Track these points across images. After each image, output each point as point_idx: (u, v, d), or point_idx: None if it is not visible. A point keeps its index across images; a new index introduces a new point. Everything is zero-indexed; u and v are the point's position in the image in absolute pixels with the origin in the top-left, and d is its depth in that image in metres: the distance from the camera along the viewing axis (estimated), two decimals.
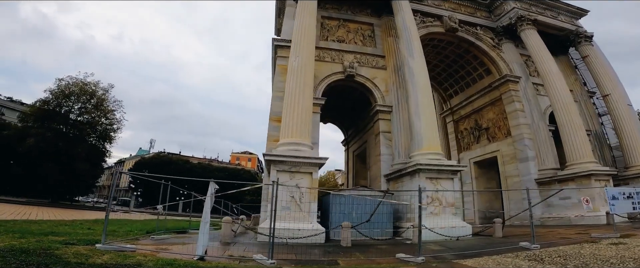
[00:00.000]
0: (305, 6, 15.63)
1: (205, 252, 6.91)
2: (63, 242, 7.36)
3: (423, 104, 14.39)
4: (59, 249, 6.34)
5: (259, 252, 7.70)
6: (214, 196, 7.52)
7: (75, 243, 7.49)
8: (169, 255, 6.85)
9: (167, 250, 7.74)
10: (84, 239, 8.10)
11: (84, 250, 6.53)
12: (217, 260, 6.94)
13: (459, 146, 24.01)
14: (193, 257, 6.68)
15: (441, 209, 12.69)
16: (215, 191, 7.44)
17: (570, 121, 17.00)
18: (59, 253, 5.85)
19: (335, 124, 25.15)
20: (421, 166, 12.62)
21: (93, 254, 6.25)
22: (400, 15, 17.16)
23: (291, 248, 8.94)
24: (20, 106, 35.47)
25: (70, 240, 7.77)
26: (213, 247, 8.87)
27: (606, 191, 11.89)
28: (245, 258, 7.35)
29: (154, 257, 6.56)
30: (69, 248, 6.57)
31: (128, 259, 6.03)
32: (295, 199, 11.17)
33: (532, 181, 18.05)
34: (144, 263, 5.78)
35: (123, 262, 5.72)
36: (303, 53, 13.98)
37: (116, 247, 7.20)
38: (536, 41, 18.96)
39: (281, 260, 7.22)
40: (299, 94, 13.00)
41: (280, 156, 11.42)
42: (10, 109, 35.29)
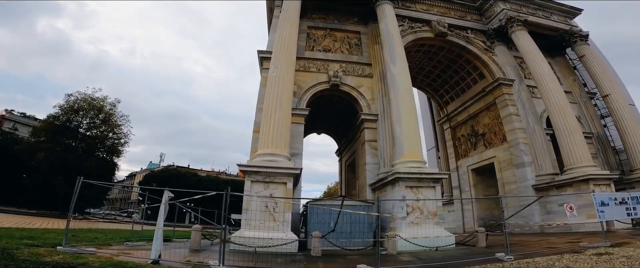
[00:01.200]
0: (287, 17, 15.91)
1: (159, 256, 7.05)
2: (28, 245, 7.59)
3: (404, 110, 14.24)
4: (19, 249, 6.61)
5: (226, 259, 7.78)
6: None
7: (41, 245, 7.71)
8: (125, 259, 7.04)
9: (129, 254, 7.90)
10: (53, 242, 8.34)
11: (43, 251, 6.79)
12: (171, 264, 7.10)
13: (456, 153, 23.45)
14: (147, 260, 6.85)
15: (422, 219, 12.38)
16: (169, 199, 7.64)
17: (566, 123, 16.35)
18: (15, 253, 6.13)
19: (329, 135, 25.14)
20: (400, 175, 12.41)
21: (49, 254, 6.51)
22: (384, 21, 17.21)
23: (257, 256, 8.97)
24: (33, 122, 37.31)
25: (38, 243, 7.99)
26: (179, 253, 9.03)
27: (593, 197, 11.29)
28: (201, 264, 7.48)
29: (109, 259, 6.75)
30: (29, 249, 6.82)
31: (79, 259, 6.27)
32: (269, 209, 11.20)
33: (529, 187, 17.42)
34: (91, 263, 5.99)
35: (72, 262, 5.97)
36: (281, 64, 14.17)
37: (76, 249, 7.45)
38: (527, 42, 18.49)
39: (236, 266, 7.29)
40: (276, 105, 13.14)
41: (254, 166, 11.52)
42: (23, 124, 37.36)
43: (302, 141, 15.69)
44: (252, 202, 10.99)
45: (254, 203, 10.96)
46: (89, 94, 31.09)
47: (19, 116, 42.17)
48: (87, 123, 31.30)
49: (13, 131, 37.43)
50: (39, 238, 9.33)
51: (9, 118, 41.86)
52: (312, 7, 19.24)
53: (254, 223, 10.55)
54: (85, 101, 30.78)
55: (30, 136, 31.36)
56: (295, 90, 16.49)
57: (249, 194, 11.17)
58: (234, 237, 10.56)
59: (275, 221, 11.10)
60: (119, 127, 32.49)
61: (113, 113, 32.33)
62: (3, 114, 41.04)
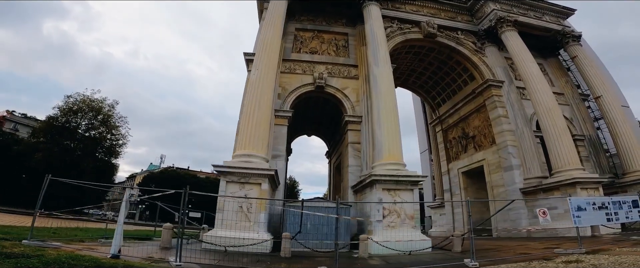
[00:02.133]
0: (270, 20, 16.11)
1: (119, 251, 7.28)
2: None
3: (385, 112, 14.24)
4: None
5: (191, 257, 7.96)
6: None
7: (8, 239, 7.99)
8: (86, 253, 7.26)
9: (93, 249, 8.19)
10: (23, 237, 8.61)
11: (7, 244, 7.03)
12: (131, 259, 7.27)
13: (448, 155, 23.30)
14: (107, 255, 7.12)
15: (399, 222, 12.36)
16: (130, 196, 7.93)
17: (554, 125, 16.15)
18: None
19: (319, 137, 25.20)
20: (376, 177, 12.42)
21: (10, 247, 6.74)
22: (369, 22, 17.25)
23: (225, 255, 9.15)
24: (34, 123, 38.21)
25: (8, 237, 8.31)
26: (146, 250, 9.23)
27: (569, 202, 11.14)
28: (162, 260, 7.67)
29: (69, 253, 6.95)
30: None
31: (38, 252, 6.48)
32: (243, 209, 11.36)
33: (517, 191, 17.27)
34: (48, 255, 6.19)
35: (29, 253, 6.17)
36: (262, 66, 14.32)
37: (41, 243, 7.76)
38: (517, 42, 18.31)
39: (194, 263, 7.48)
40: (255, 107, 13.29)
41: (229, 167, 11.68)
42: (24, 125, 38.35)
43: (284, 143, 15.79)
44: (227, 202, 11.17)
45: (229, 203, 11.13)
46: (87, 96, 31.84)
47: (20, 117, 43.32)
48: (86, 124, 31.96)
49: (14, 131, 38.40)
50: (13, 234, 9.64)
51: (10, 119, 43.04)
52: (300, 9, 19.41)
53: (228, 223, 10.69)
54: (84, 102, 31.47)
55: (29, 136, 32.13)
56: (280, 92, 16.71)
57: (223, 194, 11.35)
58: (207, 236, 10.77)
59: (249, 221, 11.23)
60: (117, 128, 33.08)
61: (111, 115, 32.98)
62: (4, 115, 42.22)
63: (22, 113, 44.47)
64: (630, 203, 12.13)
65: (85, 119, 31.88)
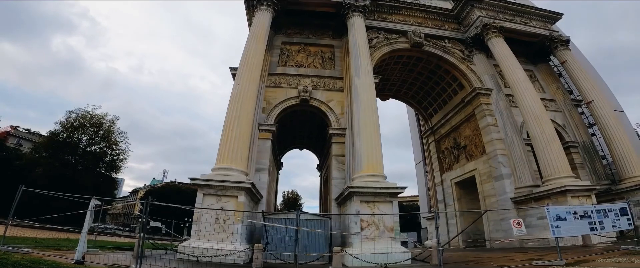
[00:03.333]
0: (254, 34, 16.59)
1: (83, 257, 7.72)
2: None
3: (364, 123, 14.36)
4: None
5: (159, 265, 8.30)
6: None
7: None
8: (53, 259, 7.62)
9: (63, 256, 8.55)
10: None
11: None
12: (94, 265, 7.73)
13: (441, 166, 23.11)
14: (71, 261, 7.48)
15: (378, 234, 12.34)
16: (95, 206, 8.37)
17: (542, 132, 15.99)
18: None
19: (310, 150, 25.30)
20: (354, 190, 12.48)
21: None
22: (352, 33, 17.53)
23: (196, 264, 9.46)
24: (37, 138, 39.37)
25: None
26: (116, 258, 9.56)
27: (547, 211, 10.94)
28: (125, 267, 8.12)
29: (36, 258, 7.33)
30: None
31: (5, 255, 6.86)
32: (220, 221, 11.59)
33: (508, 200, 16.99)
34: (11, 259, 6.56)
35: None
36: (243, 81, 14.73)
37: (10, 248, 8.17)
38: (503, 48, 18.32)
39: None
40: (235, 121, 13.63)
41: (206, 180, 11.97)
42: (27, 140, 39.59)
43: (268, 157, 15.93)
44: (204, 214, 11.45)
45: (206, 215, 11.42)
46: (88, 111, 32.77)
47: (24, 133, 44.74)
48: (87, 140, 32.81)
49: (18, 147, 39.66)
50: None
51: (14, 134, 44.54)
52: (287, 23, 19.92)
53: (205, 234, 10.92)
54: (85, 118, 32.40)
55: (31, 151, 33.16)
56: (265, 106, 17.03)
57: (200, 207, 11.63)
58: (182, 246, 11.06)
59: (225, 232, 11.45)
60: (118, 144, 33.86)
61: (112, 130, 33.82)
62: (8, 130, 43.76)
63: (25, 129, 46.05)
64: (617, 211, 11.85)
65: (86, 134, 32.74)
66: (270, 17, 17.72)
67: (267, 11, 17.79)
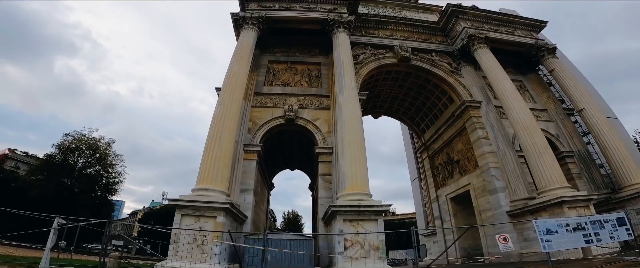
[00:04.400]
0: (238, 54, 16.74)
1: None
2: None
3: (348, 141, 14.17)
4: None
5: None
6: None
7: None
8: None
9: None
10: None
11: None
12: None
13: (435, 182, 22.67)
14: None
15: (363, 253, 11.97)
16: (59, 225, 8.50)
17: (534, 143, 15.66)
18: None
19: (302, 171, 25.03)
20: (336, 209, 12.21)
21: None
22: (337, 49, 17.59)
23: None
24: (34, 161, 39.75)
25: None
26: None
27: (536, 225, 10.56)
28: None
29: None
30: None
31: None
32: (198, 241, 11.38)
33: (503, 214, 16.50)
34: None
35: None
36: (225, 101, 14.77)
37: None
38: (489, 59, 18.25)
39: None
40: (216, 142, 13.57)
41: (184, 201, 11.82)
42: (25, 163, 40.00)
43: (253, 178, 15.68)
44: (182, 235, 11.27)
45: (184, 235, 11.24)
46: (85, 134, 33.16)
47: (21, 155, 45.38)
48: (83, 162, 33.03)
49: (15, 169, 40.17)
50: None
51: (12, 157, 45.19)
52: (274, 42, 20.16)
53: (182, 254, 10.78)
54: (81, 140, 32.75)
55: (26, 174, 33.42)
56: (250, 126, 17.00)
57: (178, 227, 11.46)
58: (158, 265, 10.84)
59: (203, 253, 11.23)
60: (113, 167, 34.01)
61: (108, 153, 34.07)
62: (6, 152, 44.40)
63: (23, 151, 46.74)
64: (614, 221, 11.50)
65: (82, 157, 33.00)
66: (254, 36, 17.96)
67: (251, 30, 18.07)
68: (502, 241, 10.40)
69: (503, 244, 10.38)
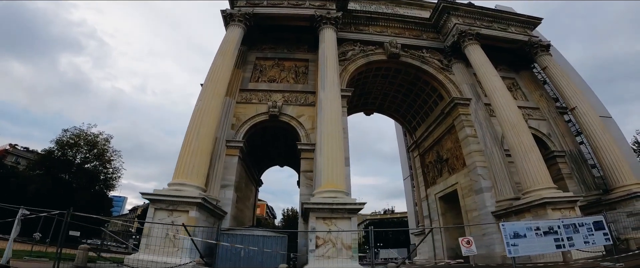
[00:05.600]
0: (223, 49, 16.87)
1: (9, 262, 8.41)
2: None
3: (327, 136, 14.16)
4: None
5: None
6: None
7: None
8: None
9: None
10: None
11: None
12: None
13: (425, 181, 22.49)
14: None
15: (336, 251, 12.01)
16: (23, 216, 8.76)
17: (520, 142, 15.41)
18: None
19: (290, 167, 25.06)
20: (310, 206, 12.25)
21: None
22: (322, 45, 17.57)
23: None
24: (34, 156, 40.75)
25: None
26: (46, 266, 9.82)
27: (502, 228, 10.30)
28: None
29: None
30: None
31: None
32: (170, 235, 11.59)
33: (489, 214, 16.32)
34: None
35: None
36: (206, 97, 14.94)
37: None
38: (479, 56, 17.98)
39: None
40: (194, 137, 13.75)
41: (157, 195, 12.04)
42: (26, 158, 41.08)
43: (234, 173, 15.81)
44: (154, 228, 11.49)
45: (156, 229, 11.45)
46: (83, 130, 33.91)
47: (22, 151, 46.65)
48: (81, 158, 33.79)
49: (15, 164, 41.30)
50: None
51: (12, 152, 46.49)
52: (262, 39, 20.26)
53: (154, 247, 10.92)
54: (80, 136, 33.49)
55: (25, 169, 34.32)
56: (234, 122, 17.15)
57: (150, 221, 11.69)
58: (128, 259, 11.13)
59: (174, 247, 11.41)
60: (111, 162, 34.73)
61: (106, 149, 34.79)
62: (6, 148, 45.71)
63: (24, 147, 48.00)
64: (591, 225, 11.01)
65: (80, 153, 33.75)
66: (240, 33, 18.07)
67: (238, 27, 18.19)
68: (465, 244, 10.31)
69: (466, 247, 10.30)
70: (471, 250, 10.17)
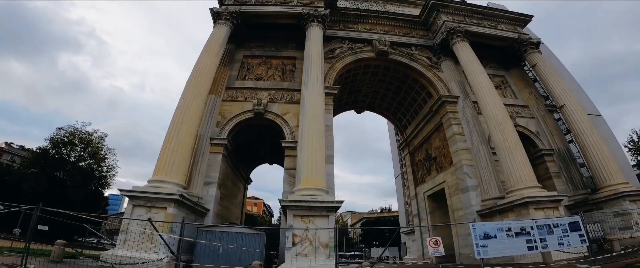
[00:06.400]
0: (208, 47, 17.04)
1: None
2: None
3: (308, 134, 14.28)
4: None
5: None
6: None
7: None
8: None
9: None
10: None
11: None
12: None
13: (415, 179, 22.51)
14: None
15: (313, 250, 12.12)
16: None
17: (505, 140, 15.39)
18: None
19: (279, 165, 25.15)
20: (287, 203, 12.37)
21: None
22: (308, 43, 17.66)
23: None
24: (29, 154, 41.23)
25: None
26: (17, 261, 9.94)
27: (472, 229, 10.23)
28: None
29: None
30: None
31: None
32: (147, 231, 11.80)
33: (474, 213, 16.27)
34: None
35: None
36: (188, 94, 15.11)
37: None
38: (467, 53, 17.95)
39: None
40: (174, 134, 13.92)
41: (135, 191, 12.27)
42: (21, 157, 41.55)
43: (218, 171, 15.97)
44: (131, 224, 11.69)
45: (133, 225, 11.66)
46: (77, 128, 34.27)
47: (18, 149, 47.20)
48: (75, 156, 34.19)
49: (11, 163, 41.96)
50: None
51: (8, 151, 47.15)
52: (250, 37, 20.40)
53: (131, 243, 11.10)
54: (74, 134, 33.88)
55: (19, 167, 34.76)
56: (219, 120, 17.32)
57: (129, 217, 11.91)
58: (105, 254, 11.34)
59: (151, 243, 11.61)
60: (105, 160, 35.13)
61: (100, 147, 35.19)
62: (2, 146, 46.33)
63: (20, 145, 48.62)
64: (566, 226, 10.87)
65: (74, 151, 34.14)
66: (226, 31, 18.22)
67: (224, 25, 18.35)
68: (433, 245, 10.30)
69: (433, 248, 10.29)
70: (438, 250, 10.17)
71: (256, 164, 24.65)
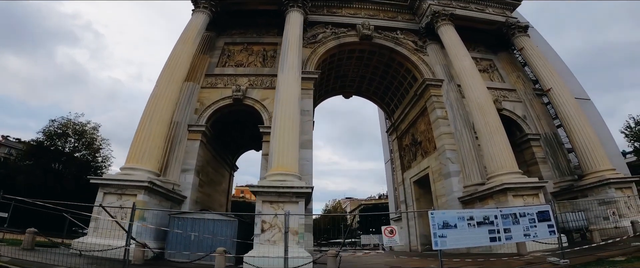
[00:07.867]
0: (184, 35, 17.06)
1: None
2: None
3: (281, 120, 14.22)
4: None
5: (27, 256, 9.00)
6: None
7: None
8: None
9: None
10: None
11: None
12: None
13: (402, 164, 22.48)
14: None
15: (281, 236, 12.29)
16: None
17: (486, 124, 15.22)
18: None
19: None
20: (256, 189, 12.45)
21: None
22: (286, 28, 17.55)
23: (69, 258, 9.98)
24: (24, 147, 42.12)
25: None
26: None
27: (431, 217, 9.82)
28: None
29: None
30: None
31: None
32: (118, 219, 12.11)
33: (456, 200, 16.26)
34: None
35: None
36: (162, 81, 15.21)
37: None
38: (452, 36, 17.66)
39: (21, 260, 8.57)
40: (147, 121, 14.09)
41: (105, 179, 12.60)
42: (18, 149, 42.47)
43: (195, 157, 16.21)
44: (103, 212, 12.01)
45: (104, 213, 11.98)
46: (71, 119, 34.83)
47: (15, 142, 48.17)
48: (70, 147, 34.90)
49: (8, 156, 42.98)
50: None
51: (4, 144, 48.30)
52: (231, 24, 20.33)
53: (102, 231, 11.38)
54: (68, 126, 34.50)
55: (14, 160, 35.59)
56: (198, 107, 17.46)
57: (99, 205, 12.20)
58: (76, 242, 11.67)
59: (121, 230, 11.94)
60: (100, 151, 35.81)
61: (95, 137, 35.84)
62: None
63: (16, 138, 49.63)
64: (534, 216, 9.96)
65: (69, 142, 34.82)
66: (204, 18, 18.17)
67: (202, 13, 18.30)
68: (388, 234, 10.23)
69: (388, 237, 10.23)
70: (393, 240, 10.09)
71: (242, 151, 24.89)
